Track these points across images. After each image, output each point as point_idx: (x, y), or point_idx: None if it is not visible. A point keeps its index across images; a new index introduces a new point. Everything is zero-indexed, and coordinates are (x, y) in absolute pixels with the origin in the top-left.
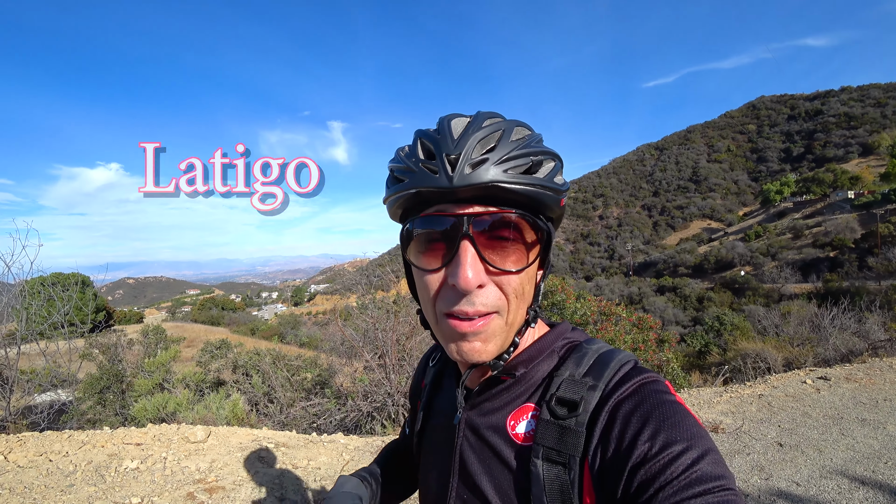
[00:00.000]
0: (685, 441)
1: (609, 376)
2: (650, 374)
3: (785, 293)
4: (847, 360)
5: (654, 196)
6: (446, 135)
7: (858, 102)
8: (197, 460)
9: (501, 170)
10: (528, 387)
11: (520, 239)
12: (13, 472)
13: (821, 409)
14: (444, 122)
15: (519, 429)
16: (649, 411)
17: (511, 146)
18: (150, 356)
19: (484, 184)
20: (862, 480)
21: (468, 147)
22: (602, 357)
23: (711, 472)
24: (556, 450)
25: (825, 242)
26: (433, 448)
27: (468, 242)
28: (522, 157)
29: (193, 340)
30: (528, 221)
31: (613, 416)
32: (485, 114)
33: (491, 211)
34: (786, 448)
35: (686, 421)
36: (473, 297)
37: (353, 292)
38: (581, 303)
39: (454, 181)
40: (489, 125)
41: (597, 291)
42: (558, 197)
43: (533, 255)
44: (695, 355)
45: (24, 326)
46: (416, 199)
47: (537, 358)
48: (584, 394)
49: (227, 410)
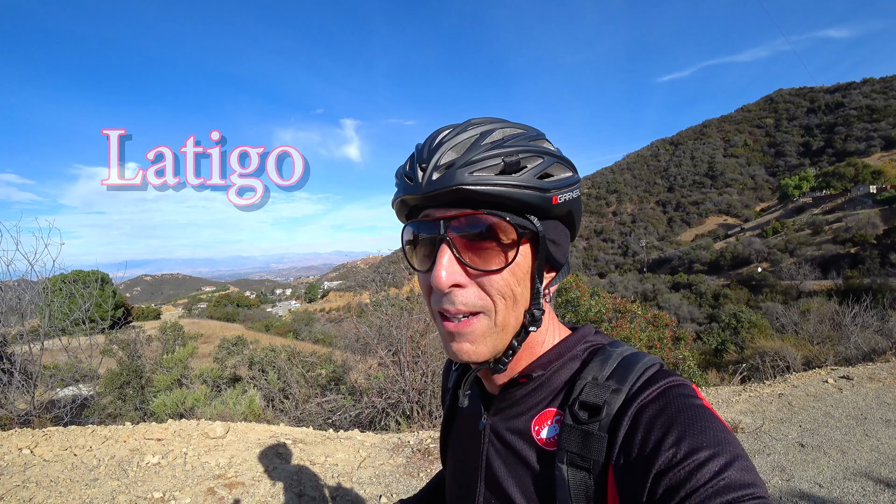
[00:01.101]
0: (712, 447)
1: (633, 380)
2: (676, 378)
3: (804, 290)
4: (870, 359)
5: (669, 192)
6: (426, 144)
7: (881, 94)
8: (216, 456)
9: (467, 172)
10: (551, 391)
11: (496, 239)
12: (39, 466)
13: (843, 410)
14: (432, 133)
15: (543, 433)
16: (674, 415)
17: (482, 148)
18: (169, 352)
19: (449, 188)
20: (887, 483)
21: (439, 153)
22: (626, 360)
23: (740, 479)
24: (580, 455)
25: (846, 238)
26: (459, 453)
27: (444, 244)
28: (493, 157)
29: (210, 337)
30: (507, 221)
31: (637, 421)
32: (474, 120)
33: (465, 213)
34: (807, 449)
35: (713, 426)
36: (453, 296)
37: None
38: (596, 300)
39: (422, 188)
40: (470, 130)
41: (610, 288)
42: (545, 195)
43: (512, 255)
44: (711, 353)
45: (46, 323)
46: (404, 206)
47: (557, 361)
48: (606, 397)
49: (244, 406)
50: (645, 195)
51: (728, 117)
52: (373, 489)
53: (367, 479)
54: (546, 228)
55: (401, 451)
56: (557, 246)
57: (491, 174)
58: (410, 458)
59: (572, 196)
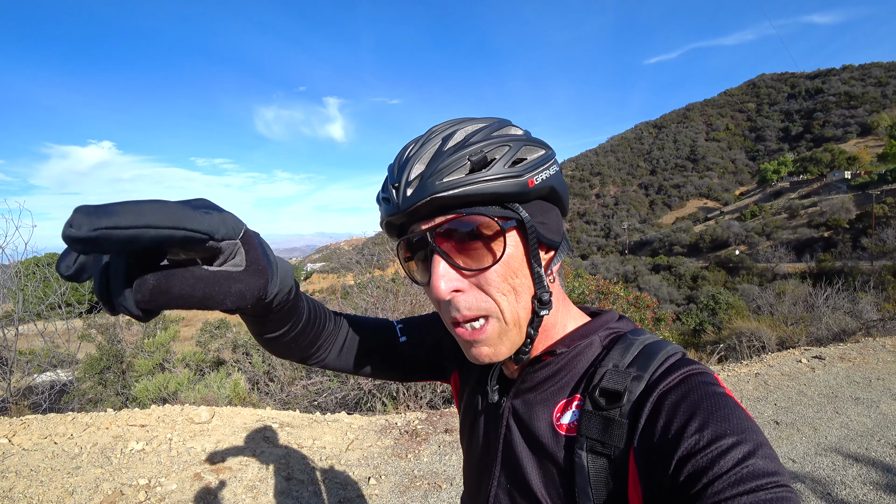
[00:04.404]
0: (735, 434)
1: (654, 367)
2: (698, 366)
3: (779, 273)
4: (840, 339)
5: (652, 175)
6: (395, 163)
7: (859, 81)
8: (202, 441)
9: (437, 181)
10: (572, 377)
11: (482, 237)
12: (18, 455)
13: (816, 388)
14: (399, 151)
15: (563, 419)
16: (696, 403)
17: (446, 154)
18: (150, 336)
19: (424, 200)
20: (855, 457)
21: (408, 170)
22: (648, 348)
23: (764, 467)
24: (601, 441)
25: (820, 223)
26: (475, 435)
27: (435, 254)
28: (458, 159)
29: (191, 320)
30: (486, 216)
31: (658, 408)
32: (436, 127)
33: (447, 219)
34: (782, 426)
35: (736, 413)
36: (456, 302)
37: (351, 271)
38: (579, 281)
39: (400, 206)
40: (433, 139)
41: (592, 270)
42: (520, 180)
43: (501, 248)
44: (690, 333)
45: (20, 307)
46: (391, 226)
47: (580, 341)
48: (627, 384)
49: (229, 390)
50: (628, 178)
51: (711, 101)
52: (361, 471)
53: (356, 462)
54: (531, 211)
55: (388, 433)
56: (546, 225)
57: (461, 176)
58: (398, 440)
59: (550, 173)
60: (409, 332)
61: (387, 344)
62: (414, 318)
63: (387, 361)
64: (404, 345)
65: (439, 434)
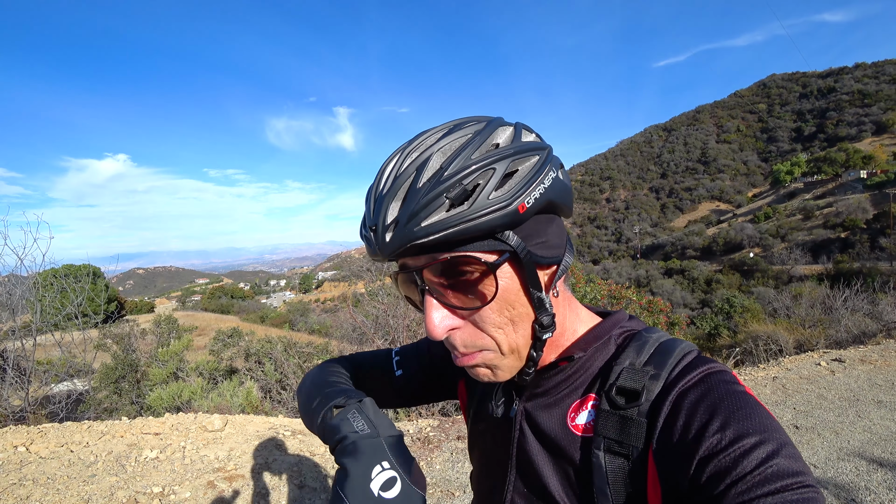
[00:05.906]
0: (758, 434)
1: (672, 365)
2: (716, 364)
3: (795, 275)
4: (860, 341)
5: (662, 178)
6: (371, 198)
7: (873, 79)
8: (215, 449)
9: (414, 227)
10: (586, 377)
11: (471, 273)
12: (36, 464)
13: (836, 392)
14: (371, 185)
15: (579, 420)
16: (717, 402)
17: (421, 191)
18: (164, 346)
19: (404, 247)
20: (880, 462)
21: (382, 213)
22: (663, 346)
23: (788, 467)
24: (618, 441)
25: (836, 223)
26: (485, 442)
27: (427, 294)
28: (434, 198)
29: (205, 329)
30: (472, 257)
31: (678, 407)
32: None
33: (431, 263)
34: (802, 430)
35: (757, 412)
36: (453, 339)
37: (362, 279)
38: (591, 286)
39: (381, 252)
40: (406, 168)
41: (604, 275)
42: (507, 210)
43: (492, 286)
44: (705, 338)
45: (38, 318)
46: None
47: (595, 343)
48: (645, 383)
49: (242, 398)
50: (638, 181)
51: (721, 103)
52: None
53: None
54: (526, 233)
55: None
56: (545, 242)
57: (441, 216)
58: (410, 448)
59: (545, 186)
60: (404, 365)
61: (383, 380)
62: (409, 347)
63: (385, 401)
64: (400, 378)
65: (451, 441)
